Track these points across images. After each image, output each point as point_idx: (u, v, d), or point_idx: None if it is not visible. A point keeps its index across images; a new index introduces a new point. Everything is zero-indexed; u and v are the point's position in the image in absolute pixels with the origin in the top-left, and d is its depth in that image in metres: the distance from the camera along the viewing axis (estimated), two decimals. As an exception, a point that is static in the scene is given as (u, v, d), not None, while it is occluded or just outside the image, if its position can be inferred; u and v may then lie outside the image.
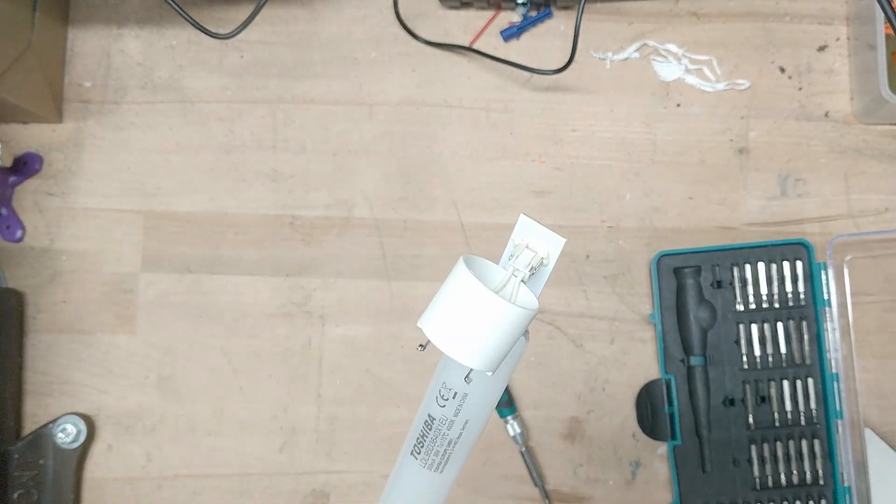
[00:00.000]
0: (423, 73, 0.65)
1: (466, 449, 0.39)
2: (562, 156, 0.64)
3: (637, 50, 0.65)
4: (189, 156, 0.65)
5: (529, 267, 0.36)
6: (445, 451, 0.38)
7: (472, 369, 0.36)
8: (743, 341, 0.60)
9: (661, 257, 0.61)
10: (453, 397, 0.37)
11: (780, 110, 0.64)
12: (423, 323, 0.34)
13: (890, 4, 0.45)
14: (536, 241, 0.37)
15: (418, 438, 0.38)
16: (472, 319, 0.33)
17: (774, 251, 0.61)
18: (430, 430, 0.38)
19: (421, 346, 0.35)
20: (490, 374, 0.34)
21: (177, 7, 0.55)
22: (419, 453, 0.38)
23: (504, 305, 0.33)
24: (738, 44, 0.65)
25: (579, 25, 0.58)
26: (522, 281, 0.35)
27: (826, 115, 0.64)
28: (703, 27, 0.65)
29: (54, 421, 0.62)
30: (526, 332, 0.37)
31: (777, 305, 0.60)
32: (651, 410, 0.61)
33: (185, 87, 0.66)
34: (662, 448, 0.62)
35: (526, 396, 0.63)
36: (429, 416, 0.38)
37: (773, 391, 0.60)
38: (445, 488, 0.40)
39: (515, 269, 0.36)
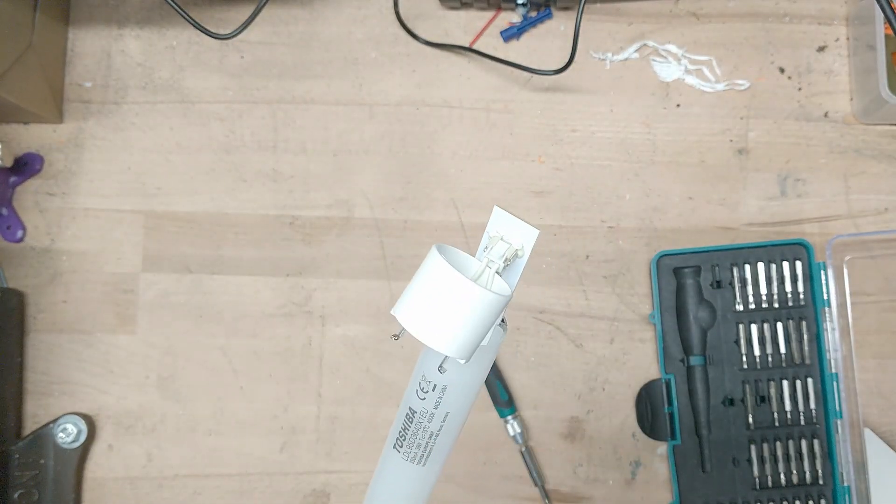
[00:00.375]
0: (423, 74, 0.65)
1: (449, 442, 0.39)
2: (562, 156, 0.64)
3: (637, 50, 0.65)
4: (189, 156, 0.65)
5: (503, 258, 0.36)
6: (427, 443, 0.38)
7: (446, 357, 0.36)
8: (742, 341, 0.60)
9: (661, 257, 0.61)
10: (433, 390, 0.37)
11: (779, 110, 0.64)
12: (397, 310, 0.34)
13: (890, 5, 0.45)
14: (511, 233, 0.36)
15: (400, 432, 0.38)
16: (444, 305, 0.33)
17: (774, 251, 0.61)
18: (411, 423, 0.38)
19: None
20: (463, 361, 0.34)
21: (177, 7, 0.55)
22: (401, 447, 0.38)
23: (475, 289, 0.33)
24: (737, 44, 0.65)
25: (579, 26, 0.58)
26: (497, 272, 0.36)
27: (826, 115, 0.64)
28: (703, 27, 0.65)
29: (55, 421, 0.62)
30: (504, 323, 0.37)
31: (777, 305, 0.61)
32: (651, 410, 0.61)
33: (185, 88, 0.66)
34: (662, 448, 0.62)
35: (526, 396, 0.63)
36: (409, 409, 0.38)
37: (772, 391, 0.60)
38: (429, 481, 0.40)
39: (490, 260, 0.36)
